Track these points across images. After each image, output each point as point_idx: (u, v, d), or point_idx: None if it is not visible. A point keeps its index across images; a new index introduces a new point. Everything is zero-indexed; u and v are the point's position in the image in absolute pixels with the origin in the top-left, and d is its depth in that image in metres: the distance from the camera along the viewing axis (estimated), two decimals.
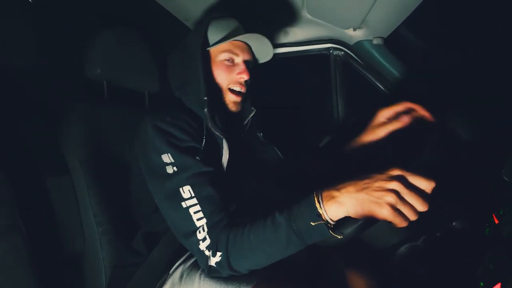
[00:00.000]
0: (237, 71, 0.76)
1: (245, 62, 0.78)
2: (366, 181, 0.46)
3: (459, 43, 1.00)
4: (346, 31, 1.09)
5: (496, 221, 0.44)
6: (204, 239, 0.58)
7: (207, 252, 0.57)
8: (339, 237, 0.47)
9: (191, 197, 0.60)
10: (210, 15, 0.79)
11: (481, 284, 0.40)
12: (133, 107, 0.92)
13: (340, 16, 1.01)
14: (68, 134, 0.78)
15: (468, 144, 0.66)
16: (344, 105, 1.23)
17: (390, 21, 0.97)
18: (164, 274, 0.71)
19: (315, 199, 0.49)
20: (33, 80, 0.83)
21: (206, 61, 0.77)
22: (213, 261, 0.57)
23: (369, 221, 0.46)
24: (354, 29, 1.06)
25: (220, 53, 0.77)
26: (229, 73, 0.76)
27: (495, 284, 0.37)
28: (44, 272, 0.60)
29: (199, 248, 0.58)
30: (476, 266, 0.43)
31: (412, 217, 0.43)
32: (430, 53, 1.05)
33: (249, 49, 0.81)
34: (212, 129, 0.70)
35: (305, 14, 1.06)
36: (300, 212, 0.50)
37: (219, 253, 0.56)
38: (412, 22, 0.95)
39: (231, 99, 0.77)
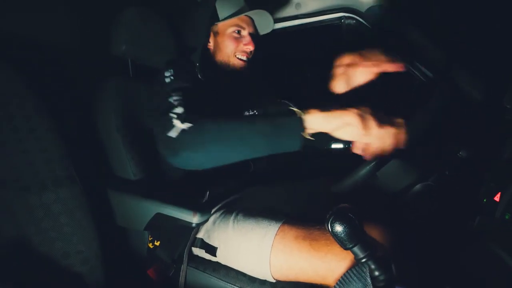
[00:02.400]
0: (244, 42, 0.88)
1: (250, 34, 0.90)
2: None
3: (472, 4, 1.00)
4: None
5: None
6: (179, 115, 0.60)
7: (175, 121, 0.59)
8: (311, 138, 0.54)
9: (177, 97, 0.66)
10: None
11: (484, 200, 0.45)
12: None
13: None
14: (104, 107, 0.86)
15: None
16: None
17: None
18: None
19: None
20: (68, 58, 0.91)
21: (212, 32, 0.89)
22: (177, 127, 0.58)
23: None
24: None
25: (229, 27, 0.88)
26: (237, 44, 0.88)
27: (495, 195, 0.42)
28: (97, 217, 0.70)
29: (172, 122, 0.59)
30: (480, 189, 0.48)
31: None
32: (445, 17, 1.05)
33: (253, 22, 0.93)
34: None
35: None
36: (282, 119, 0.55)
37: (188, 124, 0.58)
38: None
39: (238, 64, 0.89)
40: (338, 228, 0.42)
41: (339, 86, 0.74)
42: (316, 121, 0.53)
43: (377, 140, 0.50)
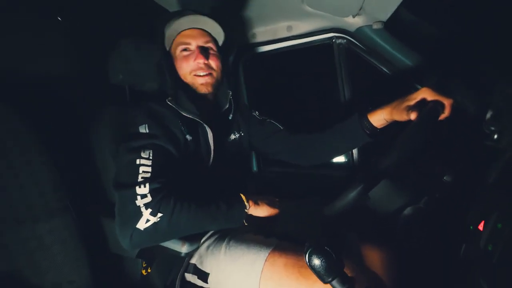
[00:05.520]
0: (193, 57, 0.83)
1: (201, 47, 0.84)
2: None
3: (458, 17, 1.01)
4: (346, 19, 1.14)
5: None
6: (144, 196, 0.62)
7: (143, 210, 0.61)
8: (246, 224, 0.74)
9: (147, 158, 0.67)
10: (164, 20, 0.86)
11: (471, 227, 0.44)
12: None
13: (338, 5, 1.06)
14: (99, 134, 0.89)
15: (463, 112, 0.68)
16: (350, 91, 1.27)
17: (388, 4, 1.00)
18: None
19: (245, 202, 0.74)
20: (66, 88, 0.95)
21: (171, 60, 0.86)
22: (150, 221, 0.61)
23: None
24: (353, 16, 1.10)
25: (176, 49, 0.85)
26: (188, 62, 0.83)
27: (480, 223, 0.41)
28: (91, 246, 0.71)
29: (135, 203, 0.61)
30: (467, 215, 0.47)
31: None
32: (430, 32, 1.07)
33: (206, 33, 0.86)
34: (185, 114, 0.79)
35: (305, 7, 1.12)
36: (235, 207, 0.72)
37: (160, 214, 0.62)
38: (410, 2, 0.98)
39: (198, 82, 0.84)
40: (316, 261, 0.41)
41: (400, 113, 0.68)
42: (253, 211, 0.75)
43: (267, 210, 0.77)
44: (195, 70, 0.84)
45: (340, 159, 1.65)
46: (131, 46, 0.99)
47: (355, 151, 1.33)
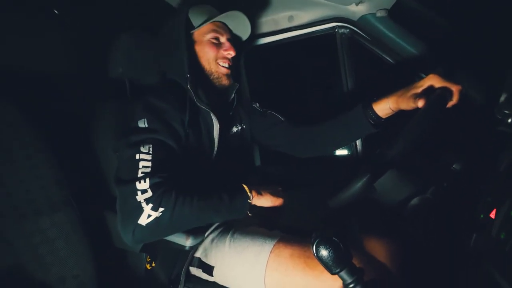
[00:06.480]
0: (224, 48, 0.86)
1: (229, 40, 0.88)
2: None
3: (464, 3, 0.98)
4: (349, 7, 1.11)
5: None
6: (144, 191, 0.61)
7: (144, 205, 0.60)
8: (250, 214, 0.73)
9: (147, 153, 0.66)
10: (187, 3, 0.88)
11: (481, 216, 0.43)
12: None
13: None
14: (101, 130, 0.88)
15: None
16: (354, 82, 1.25)
17: None
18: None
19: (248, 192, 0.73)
20: (66, 83, 0.94)
21: (190, 43, 0.86)
22: (151, 216, 0.60)
23: None
24: (356, 4, 1.07)
25: (205, 34, 0.86)
26: (217, 50, 0.86)
27: (491, 212, 0.40)
28: (94, 240, 0.70)
29: (136, 199, 0.61)
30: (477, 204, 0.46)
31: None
32: (435, 20, 1.04)
33: (229, 30, 0.91)
34: (198, 103, 0.79)
35: None
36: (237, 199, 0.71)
37: (161, 209, 0.61)
38: None
39: (221, 72, 0.86)
40: (324, 252, 0.40)
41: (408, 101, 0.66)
42: (257, 202, 0.74)
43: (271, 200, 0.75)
44: (221, 59, 0.86)
45: (343, 152, 1.64)
46: (131, 39, 0.98)
47: (359, 145, 1.31)
